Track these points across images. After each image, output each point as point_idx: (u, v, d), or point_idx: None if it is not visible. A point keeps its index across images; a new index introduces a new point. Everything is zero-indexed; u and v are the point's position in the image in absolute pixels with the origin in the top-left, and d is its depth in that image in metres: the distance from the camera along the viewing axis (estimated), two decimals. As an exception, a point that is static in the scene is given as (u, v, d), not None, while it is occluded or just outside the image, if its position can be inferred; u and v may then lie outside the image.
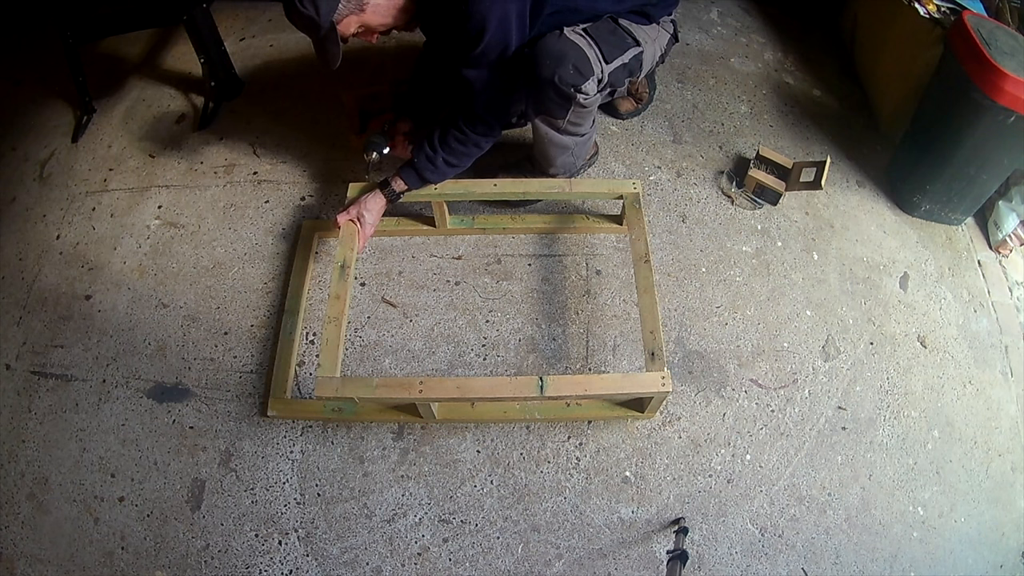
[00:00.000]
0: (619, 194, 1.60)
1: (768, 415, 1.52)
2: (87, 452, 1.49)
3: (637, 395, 1.39)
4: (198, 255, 1.77)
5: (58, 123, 2.09)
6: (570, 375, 1.53)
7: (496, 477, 1.45)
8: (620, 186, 1.60)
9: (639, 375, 1.37)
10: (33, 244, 1.82)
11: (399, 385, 1.31)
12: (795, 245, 1.76)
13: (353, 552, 1.37)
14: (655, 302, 1.39)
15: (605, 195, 1.66)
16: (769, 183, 1.79)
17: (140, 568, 1.37)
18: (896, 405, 1.54)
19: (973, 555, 1.39)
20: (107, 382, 1.58)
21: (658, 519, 1.40)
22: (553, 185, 1.62)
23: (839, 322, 1.64)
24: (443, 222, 1.72)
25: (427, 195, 1.61)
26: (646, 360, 1.34)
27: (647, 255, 1.46)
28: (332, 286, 1.44)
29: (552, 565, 1.36)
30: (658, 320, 1.37)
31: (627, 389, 1.34)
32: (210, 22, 1.97)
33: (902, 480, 1.46)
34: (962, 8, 1.68)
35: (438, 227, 1.74)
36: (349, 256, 1.48)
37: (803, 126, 2.02)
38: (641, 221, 1.53)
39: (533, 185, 1.63)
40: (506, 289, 1.68)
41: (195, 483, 1.45)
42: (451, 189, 1.61)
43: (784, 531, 1.40)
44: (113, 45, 2.26)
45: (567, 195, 1.61)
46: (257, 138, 2.01)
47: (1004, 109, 1.47)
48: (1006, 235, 1.77)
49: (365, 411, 1.48)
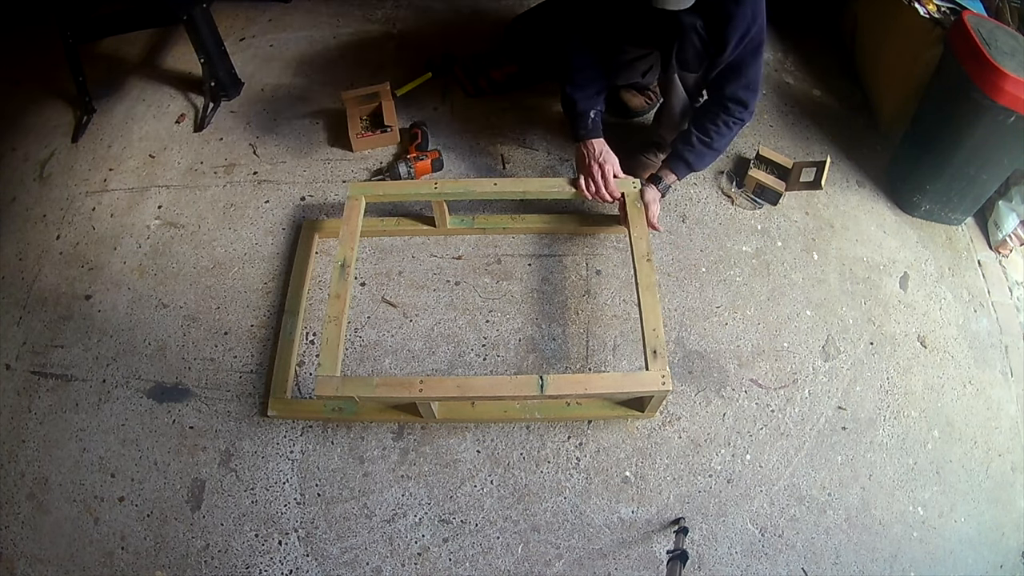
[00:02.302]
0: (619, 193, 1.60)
1: (768, 415, 1.52)
2: (87, 452, 1.49)
3: (638, 394, 1.39)
4: (198, 255, 1.77)
5: (58, 123, 2.09)
6: (570, 374, 1.53)
7: (496, 477, 1.45)
8: (620, 185, 1.60)
9: (639, 374, 1.36)
10: (33, 244, 1.82)
11: (399, 384, 1.31)
12: (795, 245, 1.76)
13: (353, 552, 1.37)
14: (657, 300, 1.39)
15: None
16: (769, 183, 1.79)
17: (140, 568, 1.37)
18: (896, 405, 1.54)
19: (973, 555, 1.39)
20: (107, 382, 1.58)
21: (658, 519, 1.40)
22: (553, 184, 1.62)
23: (839, 322, 1.64)
24: (443, 222, 1.72)
25: (428, 194, 1.61)
26: (647, 358, 1.33)
27: (649, 253, 1.46)
28: (332, 285, 1.44)
29: (552, 565, 1.36)
30: (660, 318, 1.37)
31: (627, 388, 1.34)
32: (210, 22, 1.97)
33: (902, 480, 1.46)
34: (962, 8, 1.67)
35: (438, 227, 1.74)
36: (349, 255, 1.48)
37: (803, 126, 2.02)
38: (642, 220, 1.53)
39: (533, 185, 1.63)
40: (506, 289, 1.68)
41: (195, 483, 1.45)
42: (451, 189, 1.61)
43: (784, 531, 1.40)
44: (113, 45, 2.26)
45: (566, 194, 1.61)
46: (257, 138, 2.01)
47: (1004, 109, 1.47)
48: (1006, 235, 1.77)
49: (365, 411, 1.48)
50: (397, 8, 2.39)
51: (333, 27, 2.33)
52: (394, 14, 2.37)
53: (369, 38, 2.29)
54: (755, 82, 1.50)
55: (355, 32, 2.31)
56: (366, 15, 2.37)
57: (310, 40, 2.29)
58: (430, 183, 1.63)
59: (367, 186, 1.61)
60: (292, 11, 2.40)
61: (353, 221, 1.54)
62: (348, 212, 1.55)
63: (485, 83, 2.07)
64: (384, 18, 2.36)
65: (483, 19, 2.33)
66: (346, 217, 1.55)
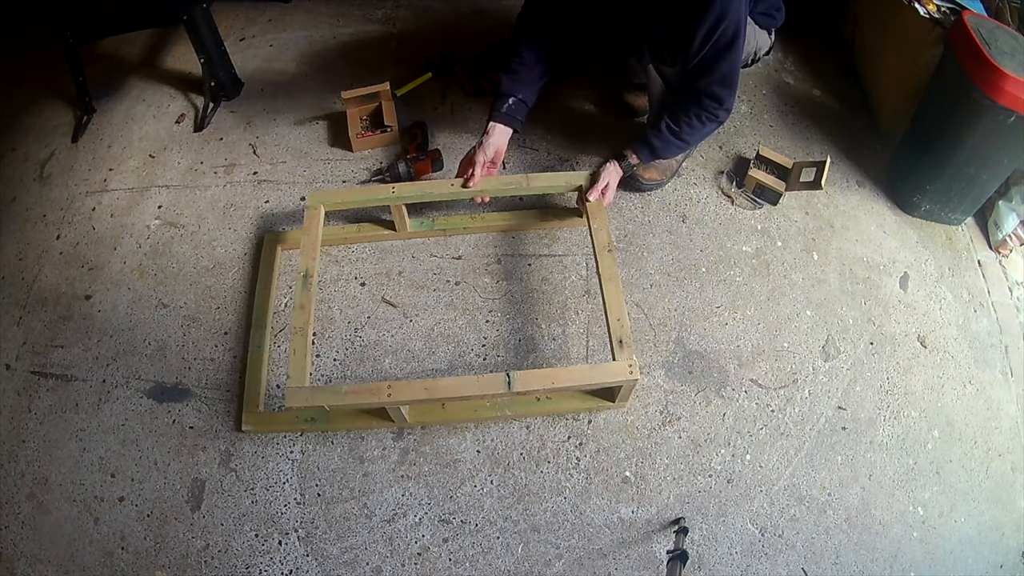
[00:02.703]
0: (576, 186, 1.61)
1: (768, 415, 1.52)
2: (87, 452, 1.49)
3: (607, 385, 1.39)
4: (198, 255, 1.77)
5: (58, 123, 2.09)
6: (536, 369, 1.53)
7: (496, 477, 1.45)
8: (577, 178, 1.60)
9: (607, 365, 1.36)
10: (33, 244, 1.82)
11: (367, 391, 1.32)
12: (795, 245, 1.76)
13: (353, 552, 1.37)
14: (620, 290, 1.40)
15: (562, 188, 1.66)
16: (769, 183, 1.79)
17: (140, 568, 1.37)
18: (896, 405, 1.54)
19: (973, 555, 1.39)
20: (107, 382, 1.58)
21: (658, 519, 1.40)
22: (510, 182, 1.62)
23: (839, 322, 1.64)
24: (403, 226, 1.71)
25: (385, 199, 1.61)
26: (613, 348, 1.34)
27: (610, 244, 1.48)
28: (296, 296, 1.44)
29: (552, 565, 1.36)
30: (624, 308, 1.37)
31: (596, 380, 1.34)
32: (210, 22, 1.97)
33: (902, 480, 1.46)
34: (962, 8, 1.67)
35: (398, 231, 1.73)
36: (311, 266, 1.47)
37: (803, 126, 2.02)
38: (602, 211, 1.54)
39: (491, 183, 1.63)
40: (506, 289, 1.68)
41: (195, 483, 1.45)
42: (408, 192, 1.60)
43: (784, 531, 1.40)
44: (113, 45, 2.26)
45: (525, 190, 1.61)
46: (257, 138, 2.01)
47: (1004, 109, 1.47)
48: (1006, 235, 1.77)
49: (338, 419, 1.47)
50: (397, 8, 2.39)
51: (333, 27, 2.33)
52: (394, 14, 2.37)
53: (369, 38, 2.29)
54: (729, 77, 1.49)
55: (355, 32, 2.31)
56: (366, 15, 2.37)
57: (310, 40, 2.29)
58: (387, 188, 1.61)
59: (325, 195, 1.61)
60: (292, 11, 2.40)
61: (313, 231, 1.53)
62: (308, 222, 1.54)
63: (485, 83, 2.07)
64: (384, 18, 2.36)
65: (483, 19, 2.33)
66: (306, 228, 1.54)
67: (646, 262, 1.72)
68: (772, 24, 1.73)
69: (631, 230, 1.78)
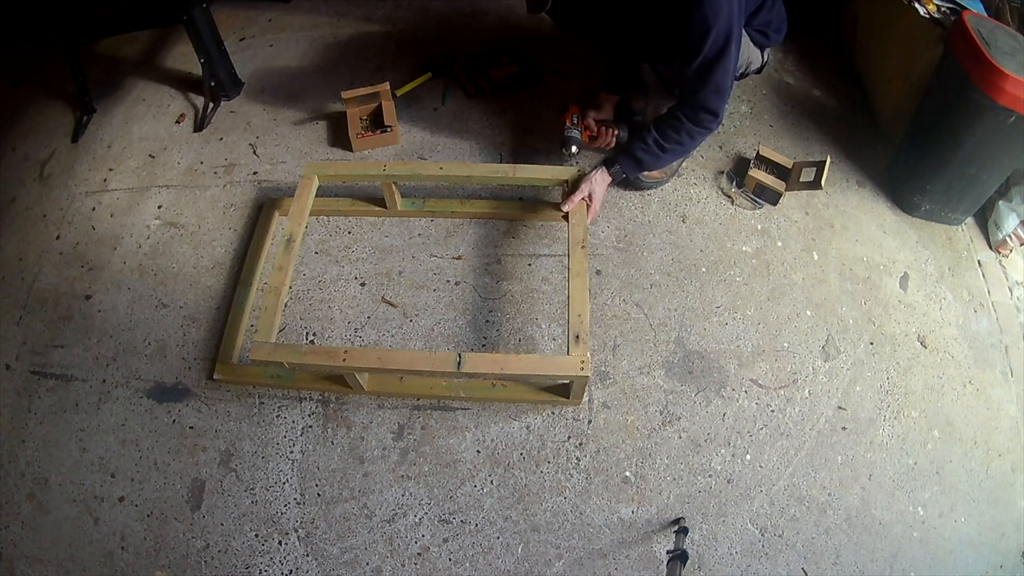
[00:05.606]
0: (562, 180, 1.62)
1: (768, 415, 1.52)
2: (87, 452, 1.49)
3: (557, 378, 1.39)
4: (198, 255, 1.77)
5: (58, 123, 2.09)
6: (489, 352, 1.54)
7: (496, 477, 1.45)
8: (563, 173, 1.61)
9: (558, 357, 1.36)
10: (33, 244, 1.82)
11: (325, 352, 1.38)
12: (795, 245, 1.76)
13: (353, 552, 1.37)
14: (586, 287, 1.41)
15: (548, 181, 1.66)
16: (769, 183, 1.79)
17: (140, 568, 1.37)
18: (896, 405, 1.54)
19: (973, 555, 1.39)
20: (107, 382, 1.58)
21: (658, 519, 1.40)
22: (497, 170, 1.64)
23: (839, 322, 1.64)
24: (394, 204, 1.76)
25: (377, 176, 1.65)
26: (569, 342, 1.34)
27: (584, 241, 1.49)
28: (277, 258, 1.48)
29: (552, 565, 1.36)
30: (587, 304, 1.38)
31: (545, 371, 1.34)
32: (210, 22, 1.97)
33: (902, 480, 1.46)
34: (962, 8, 1.67)
35: (389, 208, 1.78)
36: (296, 231, 1.52)
37: (803, 126, 2.02)
38: (581, 207, 1.56)
39: (478, 169, 1.66)
40: (506, 289, 1.68)
41: (195, 483, 1.45)
42: (399, 171, 1.65)
43: (784, 531, 1.40)
44: (113, 45, 2.26)
45: (511, 180, 1.62)
46: (257, 138, 2.01)
47: (1004, 109, 1.47)
48: (1006, 235, 1.77)
49: (300, 380, 1.53)
50: (397, 8, 2.39)
51: (333, 27, 2.33)
52: (394, 14, 2.37)
53: (369, 38, 2.29)
54: (722, 88, 1.49)
55: (355, 32, 2.31)
56: (366, 15, 2.37)
57: (310, 40, 2.29)
58: (379, 165, 1.68)
59: (321, 166, 1.67)
60: (292, 11, 2.41)
61: (304, 199, 1.59)
62: (300, 190, 1.60)
63: (485, 83, 2.07)
64: (384, 18, 2.36)
65: (483, 19, 2.33)
66: (298, 195, 1.60)
67: (646, 262, 1.72)
68: (766, 43, 1.73)
69: (631, 230, 1.78)
